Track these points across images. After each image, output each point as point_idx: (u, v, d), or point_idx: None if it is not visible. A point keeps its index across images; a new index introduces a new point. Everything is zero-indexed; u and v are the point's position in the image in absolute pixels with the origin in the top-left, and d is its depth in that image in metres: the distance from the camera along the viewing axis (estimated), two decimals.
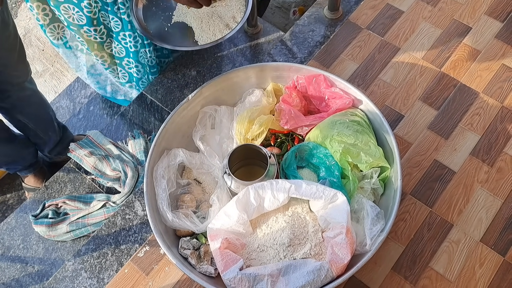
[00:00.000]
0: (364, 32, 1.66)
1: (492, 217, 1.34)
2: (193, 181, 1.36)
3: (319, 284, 1.08)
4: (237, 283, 1.08)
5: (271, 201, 1.15)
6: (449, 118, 1.49)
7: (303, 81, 1.36)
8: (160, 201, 1.23)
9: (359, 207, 1.21)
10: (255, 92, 1.39)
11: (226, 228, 1.15)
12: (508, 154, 1.43)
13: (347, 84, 1.31)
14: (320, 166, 1.27)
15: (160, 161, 1.29)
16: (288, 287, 1.07)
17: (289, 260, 1.13)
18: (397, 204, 1.15)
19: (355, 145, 1.24)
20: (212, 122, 1.40)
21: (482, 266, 1.28)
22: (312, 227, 1.17)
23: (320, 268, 1.08)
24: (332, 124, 1.28)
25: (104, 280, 1.31)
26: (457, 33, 1.64)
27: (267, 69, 1.38)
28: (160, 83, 1.70)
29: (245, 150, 1.25)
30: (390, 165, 1.24)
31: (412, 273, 1.28)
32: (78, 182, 1.60)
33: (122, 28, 1.50)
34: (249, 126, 1.32)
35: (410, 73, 1.58)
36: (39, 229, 1.50)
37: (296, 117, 1.32)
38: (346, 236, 1.09)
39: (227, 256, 1.12)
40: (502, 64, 1.57)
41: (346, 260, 1.08)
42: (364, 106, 1.33)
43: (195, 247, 1.24)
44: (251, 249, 1.18)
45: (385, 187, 1.27)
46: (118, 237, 1.37)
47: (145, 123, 1.66)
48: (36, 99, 1.60)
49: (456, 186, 1.39)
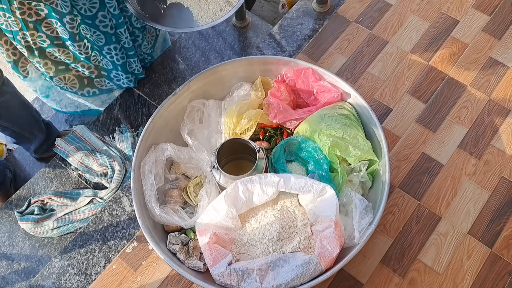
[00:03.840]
0: (353, 26, 1.66)
1: (480, 210, 1.35)
2: (181, 176, 1.34)
3: (308, 278, 1.08)
4: (226, 277, 1.08)
5: (260, 195, 1.15)
6: (437, 111, 1.50)
7: (291, 75, 1.36)
8: (147, 196, 1.22)
9: (347, 201, 1.21)
10: (243, 86, 1.38)
11: (215, 223, 1.14)
12: (495, 146, 1.44)
13: (336, 78, 1.31)
14: (308, 160, 1.26)
15: (147, 156, 1.27)
16: (277, 281, 1.07)
17: (278, 254, 1.13)
18: (385, 197, 1.15)
19: (343, 138, 1.24)
20: (200, 116, 1.38)
21: (470, 258, 1.29)
22: (301, 221, 1.16)
23: (309, 262, 1.08)
24: (320, 118, 1.27)
25: (91, 277, 1.30)
26: (444, 26, 1.64)
27: (255, 63, 1.37)
28: (148, 77, 1.68)
29: (233, 144, 1.24)
30: (378, 158, 1.24)
31: (401, 265, 1.29)
32: (65, 177, 1.57)
33: (106, 42, 1.48)
34: (238, 120, 1.30)
35: (398, 67, 1.58)
36: (25, 226, 1.48)
37: (284, 110, 1.31)
38: (334, 230, 1.09)
39: (216, 251, 1.11)
40: (489, 57, 1.58)
41: (334, 253, 1.08)
42: (353, 99, 1.32)
43: (183, 242, 1.23)
44: (240, 243, 1.17)
45: (374, 180, 1.27)
46: (105, 233, 1.35)
47: (132, 118, 1.64)
48: (15, 102, 1.54)
49: (444, 179, 1.39)
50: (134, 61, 1.59)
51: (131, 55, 1.56)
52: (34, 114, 1.65)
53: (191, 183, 1.29)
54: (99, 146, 1.58)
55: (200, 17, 1.28)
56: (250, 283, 1.07)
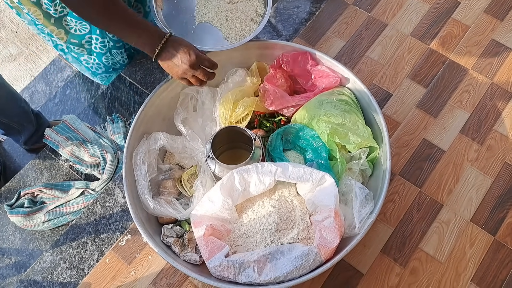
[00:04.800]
0: (351, 8, 1.61)
1: (482, 196, 1.32)
2: (175, 166, 1.30)
3: (307, 269, 1.04)
4: (222, 270, 1.04)
5: (257, 185, 1.11)
6: (438, 96, 1.45)
7: (288, 60, 1.30)
8: (140, 187, 1.17)
9: (347, 189, 1.17)
10: (238, 72, 1.33)
11: (210, 214, 1.10)
12: (498, 131, 1.40)
13: (334, 62, 1.26)
14: (307, 148, 1.22)
15: (139, 146, 1.23)
16: (276, 273, 1.03)
17: (276, 245, 1.09)
18: (386, 185, 1.11)
19: (342, 125, 1.20)
20: (194, 104, 1.33)
21: (473, 246, 1.26)
22: (300, 211, 1.13)
23: (308, 253, 1.04)
24: (319, 104, 1.23)
25: (84, 271, 1.26)
26: (445, 8, 1.59)
27: (251, 47, 1.31)
28: (139, 64, 1.63)
29: (229, 133, 1.20)
30: (379, 145, 1.20)
31: (402, 254, 1.26)
32: (55, 169, 1.53)
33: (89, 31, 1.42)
34: (234, 108, 1.26)
35: (398, 50, 1.53)
36: (15, 219, 1.43)
37: (281, 97, 1.26)
38: (334, 220, 1.05)
39: (212, 243, 1.07)
40: (491, 39, 1.53)
41: (334, 244, 1.05)
42: (352, 84, 1.28)
43: (178, 234, 1.19)
44: (237, 235, 1.13)
45: (374, 168, 1.23)
46: (98, 226, 1.31)
47: (124, 107, 1.59)
48: (2, 93, 1.49)
49: (445, 166, 1.36)
50: (120, 52, 1.53)
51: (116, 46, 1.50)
52: (23, 104, 1.59)
53: (186, 174, 1.24)
54: (90, 136, 1.53)
55: (228, 35, 1.30)
56: (247, 276, 1.04)
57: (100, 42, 1.45)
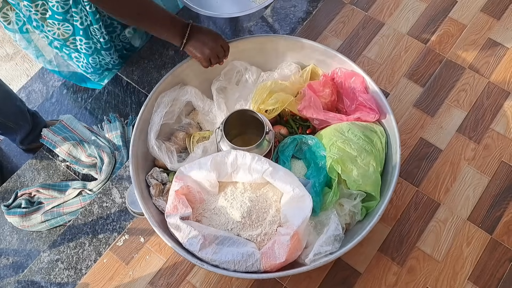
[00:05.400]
0: (348, 7, 1.60)
1: (480, 195, 1.32)
2: (195, 123, 1.34)
3: (243, 268, 1.05)
4: (174, 229, 1.08)
5: (245, 174, 1.13)
6: (435, 95, 1.46)
7: (341, 75, 1.27)
8: (151, 125, 1.24)
9: (326, 221, 1.14)
10: (291, 67, 1.32)
11: (194, 178, 1.13)
12: (495, 130, 1.40)
13: (384, 101, 1.21)
14: (311, 165, 1.19)
15: (170, 91, 1.28)
16: (214, 256, 1.05)
17: (233, 234, 1.11)
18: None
19: (354, 159, 1.14)
20: (238, 78, 1.35)
21: (470, 245, 1.26)
22: (272, 217, 1.12)
23: (250, 255, 1.05)
24: (344, 130, 1.18)
25: (82, 271, 1.26)
26: (442, 7, 1.59)
27: (315, 50, 1.30)
28: (136, 63, 1.62)
29: (245, 118, 1.21)
30: (380, 198, 1.14)
31: (399, 253, 1.26)
32: (52, 169, 1.52)
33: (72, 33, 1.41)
34: (268, 97, 1.25)
35: (395, 49, 1.53)
36: (12, 220, 1.43)
37: (314, 106, 1.23)
38: (290, 240, 1.04)
39: (179, 201, 1.10)
40: (488, 38, 1.53)
41: (278, 260, 1.04)
42: (389, 127, 1.22)
43: (163, 181, 1.24)
44: (208, 207, 1.16)
45: (366, 216, 1.17)
46: (95, 226, 1.31)
47: (121, 106, 1.59)
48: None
49: (442, 164, 1.36)
50: (109, 53, 1.53)
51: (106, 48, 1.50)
52: (19, 104, 1.59)
53: (198, 134, 1.29)
54: (87, 136, 1.53)
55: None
56: (191, 244, 1.06)
57: (85, 43, 1.44)
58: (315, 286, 1.23)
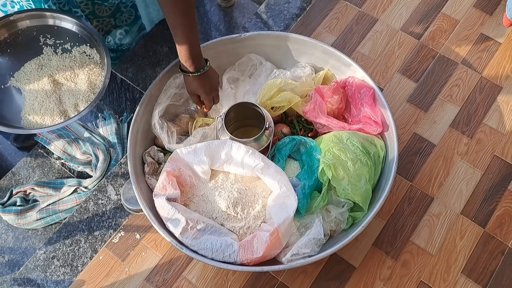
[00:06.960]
0: (341, 3, 1.61)
1: (472, 189, 1.33)
2: (202, 110, 1.32)
3: (220, 257, 1.06)
4: (160, 209, 1.10)
5: (237, 166, 1.14)
6: (428, 90, 1.47)
7: (352, 84, 1.27)
8: (158, 102, 1.25)
9: (310, 225, 1.14)
10: (305, 69, 1.32)
11: (187, 161, 1.14)
12: (487, 125, 1.41)
13: (390, 118, 1.21)
14: (305, 166, 1.19)
15: (180, 75, 1.26)
16: (194, 241, 1.07)
17: (217, 223, 1.12)
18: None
19: (347, 168, 1.13)
20: (251, 71, 1.36)
21: (463, 239, 1.28)
22: (257, 212, 1.14)
23: (229, 245, 1.06)
24: (343, 139, 1.18)
25: (78, 268, 1.26)
26: (435, 3, 1.60)
27: (331, 55, 1.30)
28: (130, 60, 1.62)
29: (249, 111, 1.21)
30: (367, 210, 1.15)
31: (393, 248, 1.27)
32: (47, 167, 1.52)
33: None
34: (276, 94, 1.25)
35: (389, 45, 1.54)
36: (7, 218, 1.43)
37: (318, 110, 1.23)
38: (269, 237, 1.05)
39: (169, 182, 1.11)
40: (480, 33, 1.54)
41: (256, 255, 1.05)
42: (390, 143, 1.22)
43: (159, 160, 1.25)
44: (197, 193, 1.17)
45: (352, 227, 1.18)
46: (91, 223, 1.32)
47: (116, 104, 1.59)
48: None
49: (436, 159, 1.37)
50: None
51: None
52: None
53: (202, 120, 1.29)
54: (81, 133, 1.53)
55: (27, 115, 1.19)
56: (174, 226, 1.08)
57: None
58: (310, 280, 1.24)
